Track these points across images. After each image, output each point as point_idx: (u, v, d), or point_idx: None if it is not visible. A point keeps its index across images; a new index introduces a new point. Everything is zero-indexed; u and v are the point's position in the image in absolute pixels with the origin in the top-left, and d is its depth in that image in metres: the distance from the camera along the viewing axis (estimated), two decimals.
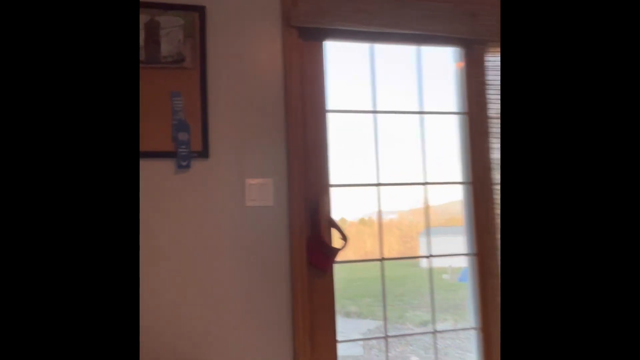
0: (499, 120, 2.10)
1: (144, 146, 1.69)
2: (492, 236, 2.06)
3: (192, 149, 1.78)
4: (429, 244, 2.10)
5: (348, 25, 1.95)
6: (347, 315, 2.75)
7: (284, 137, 1.89)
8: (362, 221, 2.14)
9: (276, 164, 1.88)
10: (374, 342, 2.11)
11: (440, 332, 2.08)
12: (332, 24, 1.93)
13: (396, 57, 2.16)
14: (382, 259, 2.03)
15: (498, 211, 2.07)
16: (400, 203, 2.13)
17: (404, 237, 2.27)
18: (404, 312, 2.86)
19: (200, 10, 1.84)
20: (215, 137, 1.83)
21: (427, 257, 2.08)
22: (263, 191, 1.85)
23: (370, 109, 2.07)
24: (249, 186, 1.84)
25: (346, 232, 1.90)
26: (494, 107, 2.10)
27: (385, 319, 2.02)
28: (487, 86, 2.13)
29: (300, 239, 1.85)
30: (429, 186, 2.11)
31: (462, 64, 2.17)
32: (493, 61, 2.12)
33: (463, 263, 2.18)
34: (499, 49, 2.12)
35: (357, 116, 2.08)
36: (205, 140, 1.81)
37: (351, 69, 2.12)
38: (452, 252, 2.18)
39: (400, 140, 2.14)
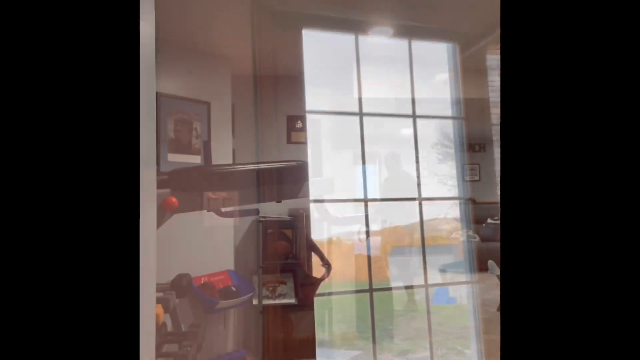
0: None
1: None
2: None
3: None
4: (425, 262, 1.81)
5: (330, 11, 1.65)
6: (320, 344, 2.47)
7: (254, 140, 1.57)
8: (330, 241, 1.94)
9: (243, 175, 1.55)
10: None
11: None
12: (311, 8, 1.64)
13: (385, 51, 1.89)
14: (370, 290, 1.72)
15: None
16: (371, 222, 1.89)
17: (373, 257, 2.06)
18: (381, 340, 2.62)
19: None
20: (166, 141, 1.49)
21: (423, 286, 1.79)
22: (227, 207, 1.51)
23: (355, 110, 1.78)
24: (209, 201, 1.50)
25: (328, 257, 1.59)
26: (495, 111, 1.86)
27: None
28: (488, 88, 1.89)
29: (274, 267, 1.52)
30: (397, 203, 1.85)
31: (453, 75, 1.92)
32: (494, 60, 1.88)
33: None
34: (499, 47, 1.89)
35: (339, 118, 1.79)
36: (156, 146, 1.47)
37: (333, 64, 1.83)
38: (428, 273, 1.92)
39: (385, 150, 1.87)
